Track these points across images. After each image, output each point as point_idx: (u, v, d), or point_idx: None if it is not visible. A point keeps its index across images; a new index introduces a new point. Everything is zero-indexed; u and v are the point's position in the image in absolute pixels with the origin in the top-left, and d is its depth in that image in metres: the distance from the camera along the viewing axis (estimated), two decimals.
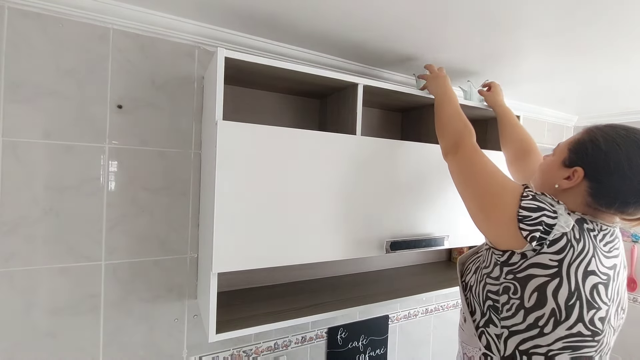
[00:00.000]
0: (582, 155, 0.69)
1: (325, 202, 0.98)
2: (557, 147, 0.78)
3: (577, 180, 0.68)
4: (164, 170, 1.07)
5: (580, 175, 0.68)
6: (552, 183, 0.74)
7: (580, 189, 0.69)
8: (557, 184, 0.72)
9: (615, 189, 0.65)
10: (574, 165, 0.70)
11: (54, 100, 0.94)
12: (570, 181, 0.70)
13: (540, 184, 0.79)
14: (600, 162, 0.66)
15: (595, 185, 0.67)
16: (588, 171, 0.68)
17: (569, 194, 0.71)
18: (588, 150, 0.69)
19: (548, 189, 0.75)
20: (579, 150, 0.71)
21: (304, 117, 1.30)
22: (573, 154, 0.71)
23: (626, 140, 0.66)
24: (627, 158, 0.64)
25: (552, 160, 0.77)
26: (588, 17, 0.91)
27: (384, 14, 0.95)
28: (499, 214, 0.69)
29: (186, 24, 1.05)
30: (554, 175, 0.74)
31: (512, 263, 0.67)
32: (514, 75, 1.43)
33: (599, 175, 0.67)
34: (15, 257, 0.91)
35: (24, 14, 0.90)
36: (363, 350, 1.48)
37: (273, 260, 0.92)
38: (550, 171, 0.76)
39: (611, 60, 1.21)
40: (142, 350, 1.07)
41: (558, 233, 0.62)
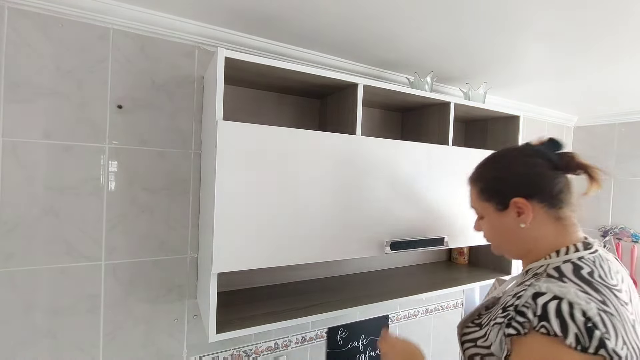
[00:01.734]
0: (501, 191, 0.70)
1: (325, 202, 0.98)
2: (476, 210, 0.77)
3: (526, 205, 0.66)
4: (164, 170, 1.07)
5: (520, 200, 0.67)
6: (516, 231, 0.69)
7: (538, 212, 0.67)
8: (521, 223, 0.67)
9: (549, 185, 0.66)
10: (506, 202, 0.68)
11: (54, 100, 0.94)
12: (525, 213, 0.67)
13: (511, 244, 0.72)
14: (517, 182, 0.68)
15: (540, 196, 0.66)
16: (521, 193, 0.67)
17: (536, 229, 0.67)
18: (500, 186, 0.70)
19: (521, 240, 0.69)
20: (493, 191, 0.71)
21: (304, 117, 1.30)
22: (494, 197, 0.71)
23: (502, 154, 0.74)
24: (522, 164, 0.69)
25: (489, 220, 0.73)
26: (588, 17, 0.91)
27: (383, 15, 0.95)
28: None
29: (186, 24, 1.05)
30: (507, 225, 0.70)
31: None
32: (514, 75, 1.43)
33: (531, 188, 0.67)
34: (15, 257, 0.91)
35: (24, 14, 0.90)
36: (363, 350, 1.48)
37: (273, 260, 0.92)
38: (501, 227, 0.71)
39: (611, 60, 1.21)
40: (142, 350, 1.07)
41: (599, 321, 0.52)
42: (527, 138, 2.07)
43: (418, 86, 1.28)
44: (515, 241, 0.71)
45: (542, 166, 0.67)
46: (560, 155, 0.69)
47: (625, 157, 2.07)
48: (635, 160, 2.02)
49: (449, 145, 1.25)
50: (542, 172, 0.67)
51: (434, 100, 1.25)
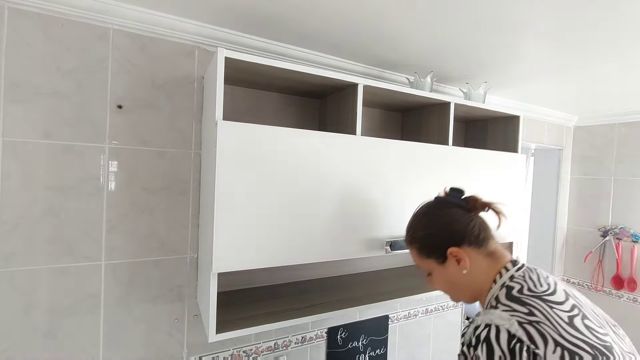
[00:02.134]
0: (435, 247, 0.77)
1: (325, 202, 0.98)
2: (422, 268, 0.82)
3: (460, 252, 0.74)
4: (164, 170, 1.07)
5: (453, 250, 0.74)
6: (461, 279, 0.75)
7: (470, 255, 0.74)
8: (463, 269, 0.74)
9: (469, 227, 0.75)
10: (443, 255, 0.76)
11: (54, 100, 0.94)
12: (462, 260, 0.74)
13: (460, 290, 0.79)
14: (444, 234, 0.76)
15: (467, 240, 0.74)
16: (452, 243, 0.75)
17: (473, 269, 0.74)
18: (431, 243, 0.78)
19: (465, 284, 0.76)
20: (429, 248, 0.79)
21: (304, 117, 1.30)
22: (432, 253, 0.78)
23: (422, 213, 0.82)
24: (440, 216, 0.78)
25: (436, 274, 0.80)
26: (588, 17, 0.91)
27: (383, 15, 0.95)
28: None
29: (186, 24, 1.05)
30: (451, 275, 0.76)
31: None
32: (514, 75, 1.43)
33: (456, 235, 0.75)
34: (15, 257, 0.91)
35: (24, 14, 0.90)
36: (363, 350, 1.48)
37: (273, 260, 0.92)
38: (447, 277, 0.78)
39: (611, 60, 1.21)
40: (142, 350, 1.07)
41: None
42: (527, 138, 2.07)
43: (418, 86, 1.28)
44: (464, 287, 0.77)
45: (457, 214, 0.77)
46: (466, 199, 0.79)
47: (625, 157, 2.07)
48: (635, 160, 2.02)
49: (449, 145, 1.25)
50: (459, 219, 0.76)
51: (434, 100, 1.25)
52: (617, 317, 2.20)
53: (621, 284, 2.04)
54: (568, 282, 2.29)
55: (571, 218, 2.29)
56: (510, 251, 1.49)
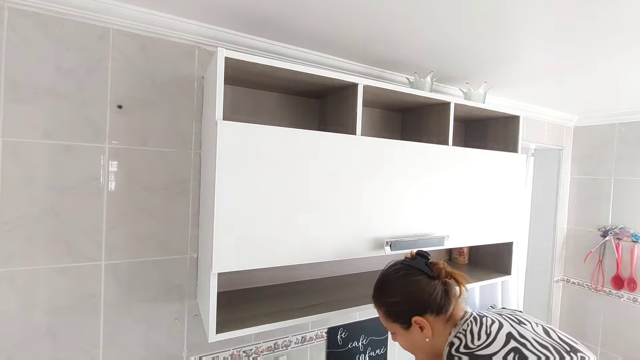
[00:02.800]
0: (401, 314, 0.82)
1: (325, 202, 0.98)
2: (389, 329, 0.88)
3: (424, 321, 0.79)
4: (164, 170, 1.07)
5: (418, 319, 0.79)
6: (423, 343, 0.81)
7: (432, 322, 0.80)
8: (426, 338, 0.80)
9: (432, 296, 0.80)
10: (408, 322, 0.81)
11: (54, 100, 0.94)
12: (425, 327, 0.80)
13: (424, 352, 0.84)
14: (410, 302, 0.81)
15: (430, 309, 0.80)
16: (417, 312, 0.80)
17: (435, 334, 0.80)
18: (398, 310, 0.83)
19: (428, 349, 0.82)
20: (394, 314, 0.84)
21: (304, 117, 1.30)
22: (397, 320, 0.83)
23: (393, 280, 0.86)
24: (407, 283, 0.83)
25: (403, 339, 0.85)
26: (588, 17, 0.91)
27: (383, 16, 0.95)
28: None
29: (186, 24, 1.05)
30: (416, 340, 0.82)
31: None
32: (514, 76, 1.43)
33: (421, 305, 0.80)
34: (15, 257, 0.91)
35: (24, 14, 0.90)
36: (363, 350, 1.48)
37: (273, 260, 0.92)
38: (413, 342, 0.84)
39: (611, 60, 1.21)
40: (142, 350, 1.07)
41: None
42: (527, 138, 2.07)
43: (418, 86, 1.28)
44: (426, 350, 0.83)
45: (422, 282, 0.82)
46: (431, 266, 0.84)
47: (625, 157, 2.07)
48: (635, 160, 2.02)
49: (449, 145, 1.25)
50: (424, 288, 0.81)
51: (434, 100, 1.25)
52: (617, 317, 2.18)
53: (621, 284, 2.04)
54: (568, 282, 2.29)
55: (571, 218, 2.29)
56: (509, 251, 1.49)
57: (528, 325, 0.79)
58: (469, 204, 1.27)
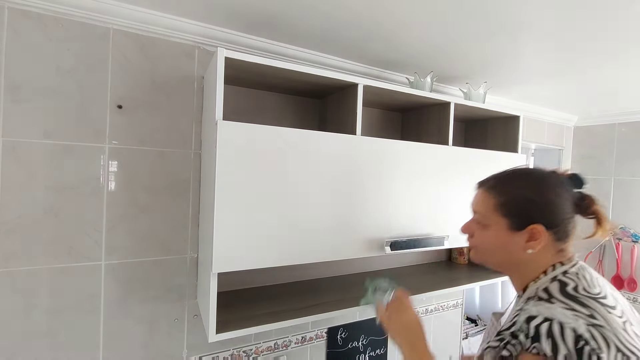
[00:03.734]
0: (527, 213, 0.68)
1: (325, 202, 0.98)
2: (481, 216, 0.74)
3: (542, 236, 0.66)
4: (164, 170, 1.07)
5: (542, 230, 0.66)
6: (517, 253, 0.69)
7: (547, 241, 0.67)
8: (529, 249, 0.67)
9: (566, 221, 0.67)
10: (525, 225, 0.67)
11: (54, 100, 0.94)
12: (538, 240, 0.67)
13: (503, 260, 0.73)
14: (545, 209, 0.67)
15: (556, 229, 0.67)
16: (545, 222, 0.66)
17: (538, 254, 0.68)
18: (529, 207, 0.68)
19: (517, 260, 0.70)
20: (518, 211, 0.69)
21: (304, 117, 1.30)
22: (514, 217, 0.69)
23: (543, 181, 0.69)
24: (556, 195, 0.67)
25: (494, 233, 0.71)
26: (588, 17, 0.91)
27: (383, 16, 0.95)
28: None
29: (186, 24, 1.05)
30: (513, 245, 0.69)
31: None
32: (514, 76, 1.43)
33: (554, 220, 0.67)
34: (15, 257, 0.91)
35: (24, 14, 0.90)
36: (363, 350, 1.48)
37: (273, 260, 0.92)
38: (504, 243, 0.70)
39: (611, 60, 1.21)
40: (142, 350, 1.07)
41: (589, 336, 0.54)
42: (527, 138, 2.07)
43: (418, 86, 1.28)
44: (509, 259, 0.71)
45: (567, 202, 0.68)
46: (583, 196, 0.70)
47: (625, 157, 2.07)
48: (635, 160, 2.02)
49: (449, 145, 1.25)
50: (565, 208, 0.68)
51: (434, 100, 1.25)
52: None
53: (621, 284, 2.04)
54: None
55: None
56: None
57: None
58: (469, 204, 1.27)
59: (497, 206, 0.71)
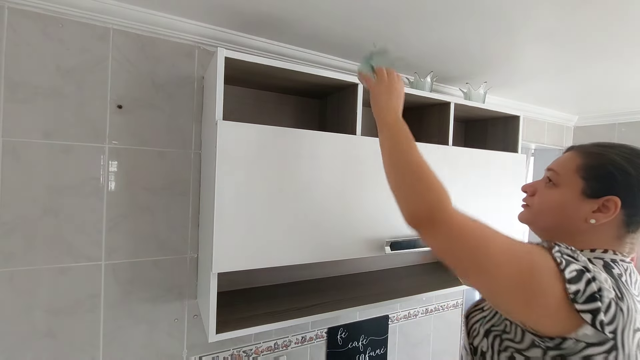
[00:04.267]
0: (611, 182, 0.60)
1: (325, 202, 0.98)
2: (557, 175, 0.66)
3: (616, 212, 0.59)
4: (164, 170, 1.07)
5: (618, 205, 0.59)
6: (577, 220, 0.62)
7: (615, 220, 0.60)
8: (593, 219, 0.60)
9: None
10: (601, 194, 0.60)
11: (54, 100, 0.94)
12: (607, 214, 0.60)
13: (556, 223, 0.66)
14: (634, 186, 0.59)
15: (633, 212, 0.59)
16: (624, 198, 0.59)
17: (599, 229, 0.61)
18: (616, 176, 0.60)
19: (573, 228, 0.63)
20: (602, 176, 0.61)
21: (304, 117, 1.30)
22: (595, 182, 0.61)
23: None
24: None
25: (562, 193, 0.65)
26: (588, 17, 0.91)
27: (383, 15, 0.95)
28: (544, 301, 0.52)
29: (186, 24, 1.05)
30: (577, 211, 0.62)
31: (563, 347, 0.53)
32: (514, 76, 1.43)
33: (636, 200, 0.59)
34: (15, 257, 0.91)
35: (24, 14, 0.90)
36: (363, 350, 1.48)
37: (273, 260, 0.92)
38: (568, 206, 0.63)
39: (611, 60, 1.21)
40: (142, 350, 1.07)
41: (607, 299, 0.50)
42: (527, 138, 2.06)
43: (418, 86, 1.28)
44: (561, 225, 0.65)
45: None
46: None
47: None
48: None
49: (449, 145, 1.25)
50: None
51: (434, 100, 1.25)
52: None
53: None
54: None
55: None
56: None
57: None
58: (469, 203, 1.27)
59: (581, 167, 0.64)
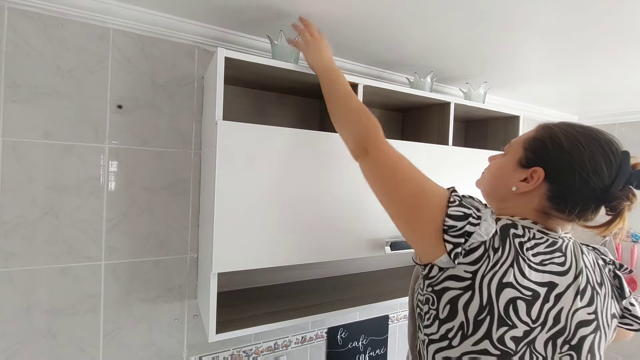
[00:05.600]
0: (542, 155, 0.63)
1: (325, 202, 0.98)
2: (510, 145, 0.72)
3: (537, 182, 0.62)
4: (164, 170, 1.07)
5: (541, 177, 0.62)
6: (507, 186, 0.66)
7: (538, 192, 0.63)
8: (515, 186, 0.65)
9: (577, 192, 0.59)
10: (532, 165, 0.64)
11: (54, 100, 0.94)
12: (529, 183, 0.63)
13: (491, 188, 0.73)
14: (562, 163, 0.60)
15: (556, 188, 0.61)
16: (549, 172, 0.61)
17: (522, 199, 0.65)
18: (549, 149, 0.62)
19: (501, 194, 0.69)
20: (537, 148, 0.64)
21: (304, 117, 1.30)
22: (530, 152, 0.65)
23: (589, 139, 0.60)
24: (591, 158, 0.59)
25: (504, 161, 0.70)
26: (588, 17, 0.91)
27: (383, 15, 0.95)
28: (424, 225, 0.60)
29: (186, 24, 1.05)
30: (508, 177, 0.67)
31: (431, 276, 0.61)
32: (514, 76, 1.43)
33: (560, 176, 0.61)
34: (15, 257, 0.91)
35: (24, 14, 0.90)
36: (363, 350, 1.48)
37: (273, 260, 0.92)
38: (503, 173, 0.69)
39: (611, 60, 1.21)
40: (142, 350, 1.07)
41: (475, 242, 0.56)
42: None
43: (418, 86, 1.28)
44: (494, 190, 0.72)
45: (600, 179, 0.59)
46: (627, 192, 0.59)
47: None
48: None
49: (449, 145, 1.25)
50: (593, 183, 0.59)
51: (434, 100, 1.25)
52: None
53: None
54: None
55: None
56: None
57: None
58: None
59: (528, 139, 0.68)
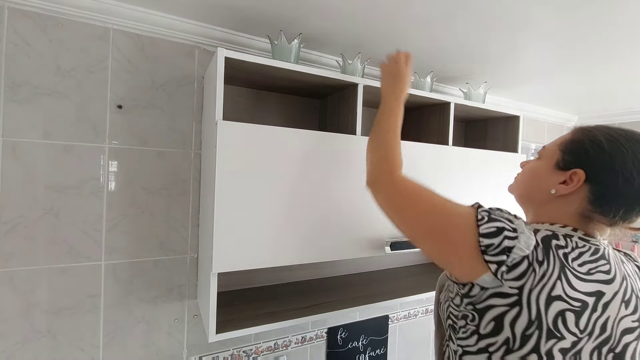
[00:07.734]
0: (581, 156, 0.61)
1: (325, 202, 0.98)
2: (544, 149, 0.70)
3: (578, 184, 0.60)
4: (164, 170, 1.07)
5: (582, 178, 0.59)
6: (544, 189, 0.64)
7: (578, 194, 0.60)
8: (554, 189, 0.62)
9: (621, 193, 0.57)
10: (570, 167, 0.61)
11: (54, 100, 0.94)
12: (569, 185, 0.61)
13: (527, 192, 0.70)
14: (604, 164, 0.58)
15: (598, 190, 0.59)
16: (590, 173, 0.59)
17: (562, 202, 0.62)
18: (589, 151, 0.60)
19: (538, 197, 0.67)
20: (576, 150, 0.62)
21: (304, 117, 1.29)
22: (568, 155, 0.63)
23: (630, 140, 0.59)
24: (633, 158, 0.57)
25: (540, 164, 0.68)
26: (588, 17, 0.91)
27: (383, 15, 0.95)
28: (456, 249, 0.59)
29: (186, 24, 1.05)
30: (546, 180, 0.65)
31: (472, 295, 0.58)
32: (514, 76, 1.43)
33: (602, 177, 0.58)
34: (15, 257, 0.91)
35: (24, 14, 0.90)
36: (363, 350, 1.48)
37: (273, 260, 0.92)
38: (540, 176, 0.67)
39: (611, 60, 1.21)
40: (142, 350, 1.07)
41: (518, 257, 0.53)
42: (527, 138, 2.06)
43: (418, 86, 1.28)
44: (531, 193, 0.69)
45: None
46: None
47: None
48: None
49: (449, 145, 1.25)
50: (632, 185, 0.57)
51: (434, 100, 1.25)
52: None
53: None
54: None
55: None
56: None
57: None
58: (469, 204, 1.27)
59: (564, 141, 0.66)
